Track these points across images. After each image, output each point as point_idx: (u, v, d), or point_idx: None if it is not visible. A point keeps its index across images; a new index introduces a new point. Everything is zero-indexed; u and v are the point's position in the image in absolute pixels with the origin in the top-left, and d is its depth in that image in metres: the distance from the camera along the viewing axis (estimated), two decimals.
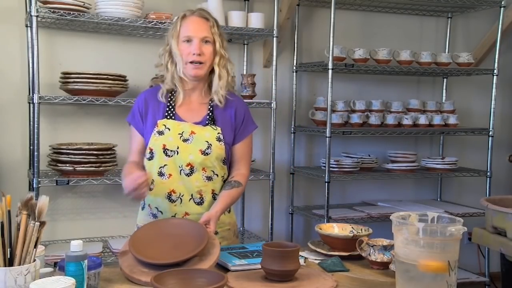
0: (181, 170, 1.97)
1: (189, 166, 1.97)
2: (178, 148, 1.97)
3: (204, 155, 1.97)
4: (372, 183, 3.84)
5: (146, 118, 2.03)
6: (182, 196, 1.98)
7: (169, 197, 1.98)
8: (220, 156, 2.01)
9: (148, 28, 3.01)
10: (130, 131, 2.08)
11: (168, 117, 2.01)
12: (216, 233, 2.03)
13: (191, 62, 1.96)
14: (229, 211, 2.12)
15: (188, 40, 1.96)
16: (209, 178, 2.00)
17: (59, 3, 2.73)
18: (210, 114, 2.03)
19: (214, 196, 2.02)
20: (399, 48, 3.60)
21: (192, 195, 1.98)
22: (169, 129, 1.98)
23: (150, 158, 2.00)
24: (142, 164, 2.04)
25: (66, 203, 3.16)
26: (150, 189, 1.99)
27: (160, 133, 1.98)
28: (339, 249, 1.88)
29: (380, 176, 3.55)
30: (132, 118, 2.07)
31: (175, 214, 1.99)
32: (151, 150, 1.99)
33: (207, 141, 1.98)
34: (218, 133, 2.01)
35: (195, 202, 1.99)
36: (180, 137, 1.98)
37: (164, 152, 1.97)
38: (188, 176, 1.98)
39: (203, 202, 2.00)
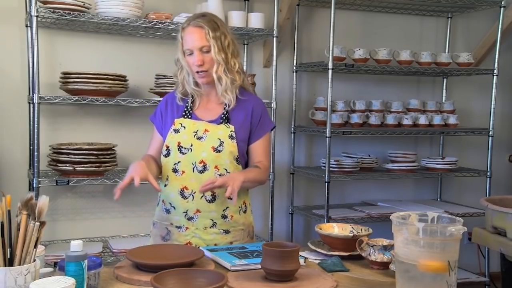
0: (194, 167, 2.02)
1: (202, 163, 2.02)
2: (192, 145, 2.03)
3: (216, 152, 2.02)
4: (372, 183, 3.84)
5: (166, 118, 2.12)
6: (194, 193, 2.02)
7: (181, 193, 2.03)
8: (232, 154, 2.04)
9: (148, 28, 3.01)
10: (153, 129, 2.18)
11: (185, 116, 2.08)
12: (228, 232, 2.06)
13: (197, 72, 2.03)
14: (245, 211, 2.14)
15: (190, 53, 2.02)
16: (221, 176, 2.01)
17: (59, 3, 2.73)
18: (225, 113, 2.07)
19: None
20: (399, 48, 3.60)
21: (203, 192, 2.00)
22: (184, 128, 2.05)
23: (167, 155, 2.07)
24: (157, 159, 2.12)
25: (66, 203, 3.16)
26: (165, 185, 2.08)
27: (176, 131, 2.06)
28: (339, 249, 1.88)
29: (380, 176, 3.55)
30: (154, 118, 2.18)
31: (187, 210, 2.03)
32: (167, 147, 2.07)
33: (219, 139, 2.03)
34: (231, 131, 2.04)
35: (206, 200, 2.02)
36: (195, 135, 2.04)
37: (178, 149, 2.03)
38: (201, 173, 2.02)
39: (214, 199, 2.03)
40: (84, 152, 2.81)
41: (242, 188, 1.99)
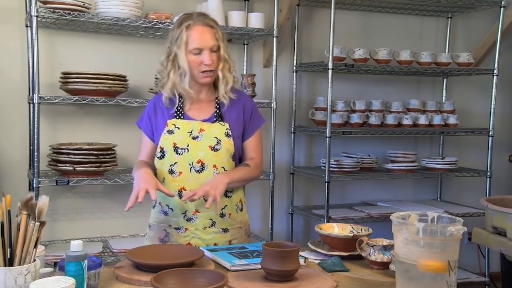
0: (191, 167, 2.01)
1: (200, 163, 2.01)
2: (188, 146, 2.01)
3: (214, 151, 2.01)
4: (372, 183, 3.84)
5: (156, 121, 2.08)
6: None
7: (179, 194, 2.02)
8: (229, 152, 2.05)
9: (148, 28, 3.01)
10: (141, 135, 2.15)
11: (178, 117, 2.06)
12: (226, 230, 2.06)
13: (202, 72, 1.99)
14: (242, 209, 2.14)
15: (198, 52, 1.97)
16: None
17: (59, 3, 2.73)
18: (218, 111, 2.07)
19: (225, 193, 2.05)
20: (399, 48, 3.60)
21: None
22: (178, 128, 2.03)
23: (161, 157, 2.04)
24: (151, 164, 2.08)
25: (66, 203, 3.16)
26: None
27: (170, 132, 2.03)
28: (339, 249, 1.88)
29: (380, 176, 3.55)
30: (141, 122, 2.15)
31: (185, 211, 2.02)
32: (162, 149, 2.04)
33: (216, 137, 2.02)
34: (227, 128, 2.05)
35: (205, 199, 2.00)
36: (190, 135, 2.02)
37: (174, 150, 2.01)
38: (199, 173, 2.01)
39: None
40: (84, 152, 2.81)
41: (229, 188, 2.01)
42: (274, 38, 3.16)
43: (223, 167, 2.03)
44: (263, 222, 3.54)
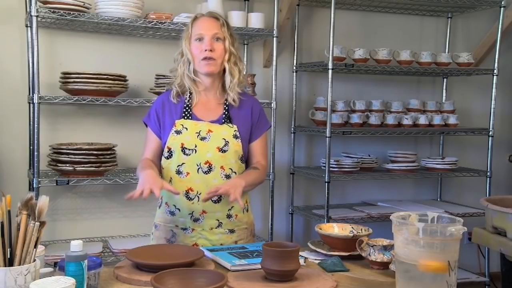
0: (199, 168, 2.01)
1: (207, 164, 2.01)
2: (196, 146, 2.01)
3: (222, 152, 2.01)
4: (372, 183, 3.84)
5: (163, 119, 2.08)
6: (199, 194, 2.01)
7: (186, 194, 2.02)
8: (237, 153, 2.05)
9: (148, 28, 3.01)
10: (146, 132, 2.13)
11: (186, 117, 2.05)
12: (233, 231, 2.06)
13: (203, 59, 2.01)
14: (247, 210, 2.15)
15: (200, 39, 2.02)
16: (227, 176, 2.03)
17: (59, 3, 2.73)
18: (226, 113, 2.07)
19: None
20: (399, 48, 3.60)
21: (207, 200, 1.99)
22: (186, 129, 2.03)
23: (169, 157, 2.03)
24: (156, 162, 2.07)
25: (66, 203, 3.16)
26: None
27: (178, 132, 2.02)
28: (339, 249, 1.88)
29: (380, 176, 3.55)
30: (148, 119, 2.12)
31: (192, 211, 2.02)
32: (169, 149, 2.03)
33: (224, 139, 2.02)
34: (235, 130, 2.05)
35: (212, 200, 2.00)
36: (198, 135, 2.02)
37: (182, 150, 2.01)
38: (206, 173, 2.01)
39: (220, 200, 2.02)
40: (84, 152, 2.81)
41: (243, 192, 2.00)
42: (274, 38, 3.16)
43: (231, 169, 2.03)
44: (263, 222, 3.54)
